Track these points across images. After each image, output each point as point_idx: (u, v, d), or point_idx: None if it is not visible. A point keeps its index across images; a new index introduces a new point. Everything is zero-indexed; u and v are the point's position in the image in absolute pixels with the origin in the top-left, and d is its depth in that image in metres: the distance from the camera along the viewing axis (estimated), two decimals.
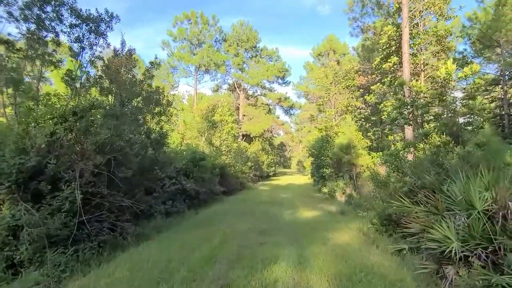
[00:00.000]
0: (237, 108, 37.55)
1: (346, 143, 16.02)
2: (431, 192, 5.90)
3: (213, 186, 13.91)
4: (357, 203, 11.17)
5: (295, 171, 53.94)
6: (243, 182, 21.45)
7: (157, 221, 8.41)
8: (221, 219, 9.43)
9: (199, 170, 12.74)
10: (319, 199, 15.07)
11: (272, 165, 36.15)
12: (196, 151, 12.75)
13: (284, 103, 37.95)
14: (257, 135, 34.59)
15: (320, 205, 12.90)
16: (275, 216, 10.18)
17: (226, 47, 36.56)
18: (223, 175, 17.00)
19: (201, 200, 12.28)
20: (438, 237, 4.50)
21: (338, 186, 15.17)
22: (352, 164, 15.96)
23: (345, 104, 18.16)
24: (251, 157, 27.54)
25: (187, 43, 36.33)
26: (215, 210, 11.50)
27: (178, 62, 36.18)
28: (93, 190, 5.65)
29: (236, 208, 12.08)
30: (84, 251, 5.35)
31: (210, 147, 17.25)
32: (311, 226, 8.36)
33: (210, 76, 39.34)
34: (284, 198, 15.72)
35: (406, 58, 11.48)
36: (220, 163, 16.61)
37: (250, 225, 8.44)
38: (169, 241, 6.79)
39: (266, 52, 37.53)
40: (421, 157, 7.12)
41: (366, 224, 8.05)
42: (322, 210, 11.47)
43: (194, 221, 9.34)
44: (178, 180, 11.07)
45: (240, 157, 23.70)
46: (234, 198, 15.57)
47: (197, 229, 7.99)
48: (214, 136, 19.80)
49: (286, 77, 36.85)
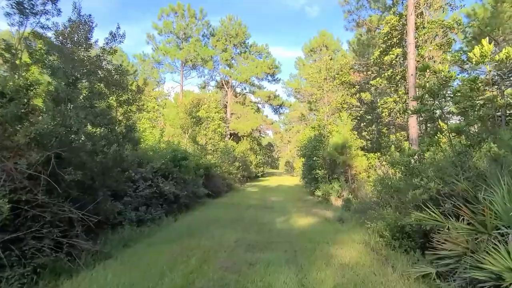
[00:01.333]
0: (225, 106, 36.16)
1: (341, 142, 14.89)
2: (463, 201, 4.74)
3: (197, 188, 12.52)
4: (358, 209, 9.99)
5: (284, 172, 52.87)
6: (230, 184, 20.12)
7: (125, 232, 7.00)
8: (203, 228, 8.08)
9: (180, 170, 11.36)
10: (312, 203, 13.88)
11: (260, 166, 34.90)
12: (177, 149, 11.35)
13: (274, 102, 36.70)
14: (245, 134, 33.26)
15: (315, 210, 11.70)
16: (266, 224, 8.89)
17: (214, 42, 35.09)
18: (208, 176, 15.64)
19: (182, 205, 10.89)
20: (493, 268, 3.31)
21: (333, 189, 14.01)
22: (347, 165, 14.85)
23: (340, 101, 17.05)
24: (239, 157, 26.21)
25: (173, 37, 34.71)
26: (197, 217, 10.14)
27: (164, 56, 34.51)
28: (28, 198, 4.24)
29: (222, 213, 10.74)
30: (10, 280, 3.95)
31: (194, 145, 15.86)
32: (309, 238, 7.11)
33: (197, 72, 37.80)
34: (274, 202, 14.46)
35: (412, 49, 10.42)
36: (205, 163, 15.24)
37: (237, 237, 7.13)
38: (135, 260, 5.42)
39: (255, 48, 36.25)
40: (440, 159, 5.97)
41: (373, 236, 6.87)
42: (318, 217, 10.26)
43: (171, 231, 7.95)
44: (155, 182, 9.67)
45: (227, 157, 22.38)
46: (220, 202, 14.21)
47: (172, 242, 6.62)
48: (200, 134, 18.40)
49: (276, 74, 35.68)
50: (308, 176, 17.54)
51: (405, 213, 6.39)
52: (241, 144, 29.70)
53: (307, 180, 17.89)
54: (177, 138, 14.94)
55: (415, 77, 10.50)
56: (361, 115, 17.58)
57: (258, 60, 35.49)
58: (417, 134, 10.35)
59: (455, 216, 4.78)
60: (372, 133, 18.07)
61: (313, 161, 16.87)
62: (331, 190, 13.97)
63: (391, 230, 6.39)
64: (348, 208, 11.07)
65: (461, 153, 5.36)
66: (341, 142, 14.92)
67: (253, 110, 36.71)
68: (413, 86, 10.36)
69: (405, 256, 5.61)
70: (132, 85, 7.39)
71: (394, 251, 5.96)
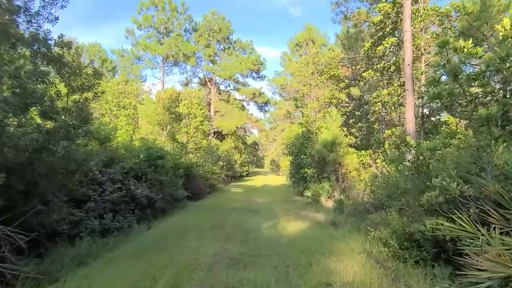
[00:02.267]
0: (209, 103, 34.91)
1: (331, 139, 14.03)
2: (494, 205, 3.85)
3: (175, 190, 11.38)
4: (352, 212, 9.11)
5: (269, 171, 52.01)
6: (213, 184, 19.01)
7: (84, 245, 5.83)
8: (179, 238, 6.98)
9: (157, 171, 10.19)
10: (301, 205, 12.95)
11: (245, 165, 33.84)
12: (152, 146, 10.15)
13: (259, 99, 35.66)
14: (229, 133, 32.13)
15: (305, 213, 10.76)
16: (252, 231, 7.86)
17: (197, 38, 33.75)
18: (189, 177, 14.49)
19: (158, 209, 9.74)
20: None
21: (323, 189, 13.12)
22: (338, 163, 14.00)
23: (329, 97, 16.20)
24: (223, 156, 25.10)
25: (154, 31, 33.21)
26: (174, 223, 9.01)
27: (144, 52, 32.97)
28: None
29: (202, 218, 9.64)
30: None
31: (173, 143, 14.66)
32: (301, 248, 6.13)
33: (179, 69, 36.43)
34: (260, 204, 13.45)
35: (408, 37, 9.61)
36: (185, 162, 14.08)
37: (217, 248, 6.07)
38: (85, 285, 4.28)
39: (239, 44, 35.14)
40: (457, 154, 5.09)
41: (375, 244, 5.96)
42: (309, 220, 9.32)
43: (141, 241, 6.81)
44: (126, 185, 8.48)
45: (211, 156, 21.24)
46: (202, 204, 13.09)
47: (139, 257, 5.50)
48: (180, 132, 17.17)
49: (261, 71, 34.61)
50: (296, 176, 16.63)
51: (412, 218, 5.51)
52: (225, 143, 28.58)
53: (295, 179, 16.98)
54: (154, 136, 13.72)
55: (412, 68, 9.70)
56: (350, 111, 16.78)
57: (242, 56, 34.40)
58: (415, 128, 9.55)
59: (481, 223, 3.90)
60: (361, 130, 17.32)
61: (301, 159, 15.97)
62: (321, 190, 13.09)
63: (398, 238, 5.49)
64: (340, 210, 10.18)
65: (483, 147, 4.47)
66: (330, 138, 14.06)
67: (238, 108, 35.61)
68: (410, 77, 9.57)
69: (417, 270, 4.71)
70: (87, 68, 6.18)
71: (403, 263, 5.06)
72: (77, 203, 7.12)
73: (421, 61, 11.84)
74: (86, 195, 7.28)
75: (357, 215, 9.12)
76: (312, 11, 79.62)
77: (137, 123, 16.21)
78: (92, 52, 36.92)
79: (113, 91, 17.13)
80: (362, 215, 9.28)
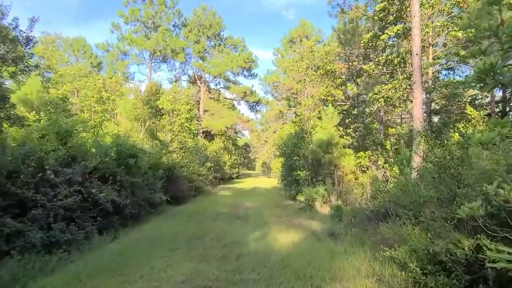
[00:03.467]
0: (198, 102, 33.53)
1: (326, 139, 12.85)
2: None
3: (152, 194, 10.04)
4: (354, 222, 7.93)
5: (260, 173, 50.73)
6: (199, 186, 17.65)
7: (12, 265, 4.48)
8: (145, 255, 5.66)
9: (128, 171, 8.85)
10: (294, 210, 11.73)
11: (235, 166, 32.49)
12: (123, 143, 8.78)
13: (250, 98, 34.34)
14: (219, 133, 30.77)
15: (298, 220, 9.54)
16: (235, 243, 6.58)
17: (186, 33, 32.36)
18: (172, 178, 13.15)
19: (128, 216, 8.38)
20: None
21: (317, 193, 11.93)
22: (334, 165, 12.83)
23: (324, 93, 15.05)
24: (211, 156, 23.76)
25: (141, 25, 31.75)
26: (145, 233, 7.67)
27: (130, 46, 31.44)
28: None
29: (180, 227, 8.34)
30: None
31: (153, 141, 13.29)
32: (296, 269, 4.89)
33: (167, 65, 34.99)
34: (249, 209, 12.17)
35: (416, 23, 8.46)
36: (167, 162, 12.73)
37: (188, 270, 4.77)
38: None
39: (231, 41, 33.85)
40: None
41: (385, 265, 4.77)
42: (303, 230, 8.09)
43: (96, 258, 5.46)
44: (86, 187, 7.13)
45: (198, 156, 19.89)
46: (184, 210, 11.75)
47: (83, 284, 4.18)
48: (164, 129, 15.81)
49: (253, 69, 33.31)
50: (288, 178, 15.42)
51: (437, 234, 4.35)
52: (214, 143, 27.23)
53: (287, 182, 15.77)
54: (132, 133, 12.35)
55: (421, 58, 8.57)
56: (346, 109, 15.64)
57: (233, 54, 33.10)
58: (422, 126, 8.42)
59: None
60: (356, 130, 16.21)
61: (293, 160, 14.77)
62: (316, 195, 11.90)
63: (419, 259, 4.30)
64: (339, 218, 8.99)
65: None
66: (326, 138, 12.88)
67: (228, 107, 34.27)
68: (418, 68, 8.44)
69: None
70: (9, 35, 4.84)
71: None
72: (22, 210, 5.82)
73: (429, 53, 10.76)
74: (32, 200, 5.94)
75: (358, 225, 7.94)
76: (305, 14, 79.30)
77: (116, 119, 14.81)
78: (76, 47, 35.28)
79: (93, 87, 15.75)
80: (364, 224, 8.10)
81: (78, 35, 46.70)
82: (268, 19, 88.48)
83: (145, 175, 9.92)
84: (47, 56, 21.09)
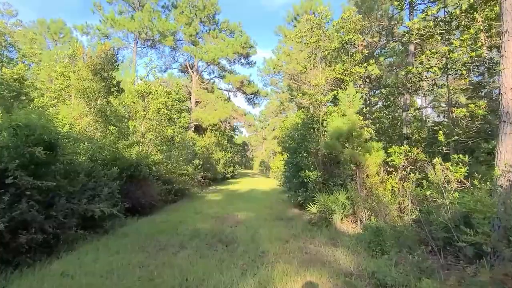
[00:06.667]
0: (189, 93, 30.00)
1: (346, 129, 9.41)
2: None
3: (88, 205, 6.57)
4: (415, 261, 4.49)
5: (258, 173, 47.19)
6: (183, 189, 14.18)
7: None
8: None
9: (46, 172, 5.39)
10: (304, 227, 8.23)
11: (230, 165, 28.91)
12: (29, 123, 5.26)
13: (247, 89, 30.69)
14: (212, 127, 27.21)
15: (314, 248, 6.08)
16: None
17: (177, 15, 28.80)
18: (137, 180, 9.69)
19: (28, 248, 4.91)
20: None
21: (336, 202, 8.51)
22: (356, 164, 9.37)
23: (341, 71, 11.61)
24: (200, 153, 20.28)
25: (125, 5, 28.21)
26: (46, 280, 4.20)
27: (112, 29, 27.83)
28: None
29: (110, 270, 4.85)
30: None
31: (106, 126, 9.75)
32: None
33: (156, 52, 31.50)
34: (240, 224, 8.70)
35: None
36: (128, 157, 9.24)
37: None
38: None
39: (226, 25, 30.26)
40: None
41: None
42: (327, 271, 4.64)
43: None
44: None
45: (184, 152, 16.44)
46: (144, 226, 8.23)
47: None
48: (136, 116, 12.30)
49: (251, 55, 29.69)
50: (292, 180, 11.97)
51: None
52: (204, 137, 23.74)
53: (291, 185, 12.34)
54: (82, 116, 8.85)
55: None
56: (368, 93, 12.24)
57: (229, 39, 29.53)
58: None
59: None
60: (381, 120, 12.80)
61: (300, 157, 11.33)
62: (334, 205, 8.47)
63: None
64: (377, 244, 5.54)
65: None
66: (346, 128, 9.44)
67: (222, 99, 30.71)
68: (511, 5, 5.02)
69: None
70: None
71: None
72: None
73: None
74: None
75: (421, 262, 4.51)
76: None
77: (71, 100, 11.31)
78: (53, 30, 31.73)
79: None
80: (424, 257, 4.67)
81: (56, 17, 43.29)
82: (266, 19, 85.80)
83: (79, 177, 6.46)
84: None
